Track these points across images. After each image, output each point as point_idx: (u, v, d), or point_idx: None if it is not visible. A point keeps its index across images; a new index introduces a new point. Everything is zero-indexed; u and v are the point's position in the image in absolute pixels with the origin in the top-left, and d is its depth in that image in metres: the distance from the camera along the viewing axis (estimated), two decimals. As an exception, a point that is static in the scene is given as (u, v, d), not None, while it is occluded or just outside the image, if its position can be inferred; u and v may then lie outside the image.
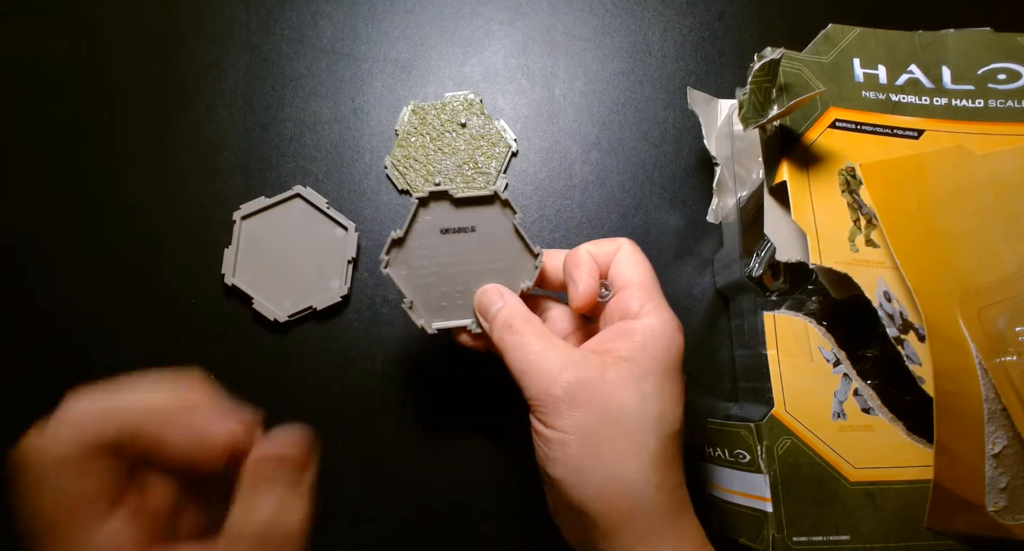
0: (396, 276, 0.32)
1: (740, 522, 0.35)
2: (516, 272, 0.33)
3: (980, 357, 0.32)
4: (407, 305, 0.32)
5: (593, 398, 0.27)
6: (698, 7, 0.47)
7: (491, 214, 0.32)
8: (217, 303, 0.41)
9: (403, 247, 0.32)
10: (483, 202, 0.32)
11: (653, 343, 0.29)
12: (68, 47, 0.46)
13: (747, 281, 0.37)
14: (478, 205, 0.32)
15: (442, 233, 0.32)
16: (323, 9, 0.46)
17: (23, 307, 0.41)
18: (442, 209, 0.32)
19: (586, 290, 0.30)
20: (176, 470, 0.22)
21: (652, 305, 0.30)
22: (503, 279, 0.33)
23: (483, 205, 0.32)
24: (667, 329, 0.29)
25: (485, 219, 0.32)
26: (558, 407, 0.27)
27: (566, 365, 0.28)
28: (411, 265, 0.32)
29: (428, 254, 0.32)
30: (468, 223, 0.32)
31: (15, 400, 0.40)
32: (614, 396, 0.27)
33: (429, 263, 0.32)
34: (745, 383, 0.38)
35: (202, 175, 0.44)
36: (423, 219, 0.32)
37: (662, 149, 0.44)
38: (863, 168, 0.36)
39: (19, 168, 0.44)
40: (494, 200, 0.32)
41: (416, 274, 0.32)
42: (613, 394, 0.27)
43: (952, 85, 0.38)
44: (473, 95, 0.44)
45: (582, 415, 0.27)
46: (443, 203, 0.32)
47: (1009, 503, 0.31)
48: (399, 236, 0.32)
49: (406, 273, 0.32)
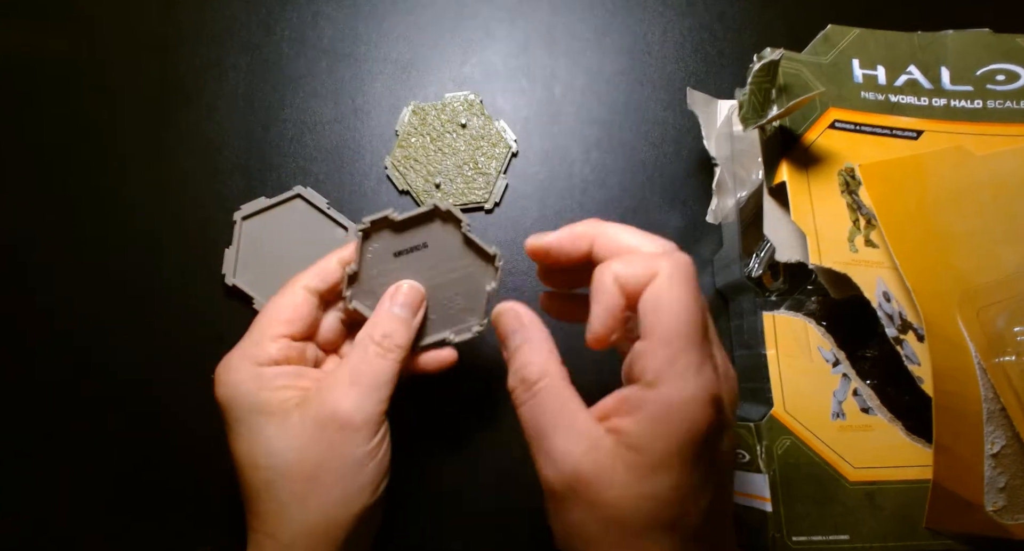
0: (362, 308, 0.32)
1: (740, 522, 0.35)
2: (479, 275, 0.32)
3: (979, 357, 0.32)
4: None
5: (595, 504, 0.23)
6: (698, 7, 0.47)
7: (438, 228, 0.32)
8: (217, 303, 0.41)
9: (361, 278, 0.32)
10: (425, 219, 0.31)
11: (668, 427, 0.22)
12: (68, 47, 0.46)
13: (747, 281, 0.37)
14: (422, 223, 0.32)
15: (396, 256, 0.32)
16: (323, 10, 0.46)
17: (23, 307, 0.42)
18: (388, 234, 0.31)
19: (598, 332, 0.25)
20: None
21: (676, 370, 0.23)
22: (469, 285, 0.32)
23: (427, 222, 0.32)
24: (688, 406, 0.22)
25: (434, 234, 0.32)
26: (557, 499, 0.24)
27: (570, 449, 0.24)
28: (375, 293, 0.32)
29: (387, 280, 0.32)
30: (418, 241, 0.32)
31: (15, 400, 0.40)
32: (617, 508, 0.23)
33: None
34: (745, 383, 0.38)
35: (202, 175, 0.44)
36: (372, 248, 0.31)
37: (662, 149, 0.44)
38: (862, 168, 0.36)
39: (19, 168, 0.44)
40: (434, 215, 0.31)
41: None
42: (619, 502, 0.23)
43: (951, 86, 0.38)
44: (473, 95, 0.44)
45: (583, 517, 0.24)
46: (386, 229, 0.31)
47: (1008, 503, 0.32)
48: (353, 271, 0.31)
49: (371, 303, 0.32)
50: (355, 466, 0.28)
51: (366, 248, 0.31)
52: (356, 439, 0.28)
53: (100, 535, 0.39)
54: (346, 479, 0.28)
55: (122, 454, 0.40)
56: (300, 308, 0.31)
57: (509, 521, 0.39)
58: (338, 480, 0.28)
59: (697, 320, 0.23)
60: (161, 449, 0.40)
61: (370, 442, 0.28)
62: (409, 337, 0.31)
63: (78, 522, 0.39)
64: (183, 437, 0.39)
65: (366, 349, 0.30)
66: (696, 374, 0.23)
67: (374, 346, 0.30)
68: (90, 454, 0.40)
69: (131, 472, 0.39)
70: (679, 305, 0.23)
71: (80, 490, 0.39)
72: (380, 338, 0.30)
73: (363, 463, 0.28)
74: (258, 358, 0.30)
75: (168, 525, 0.39)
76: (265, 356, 0.30)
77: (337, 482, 0.28)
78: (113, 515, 0.39)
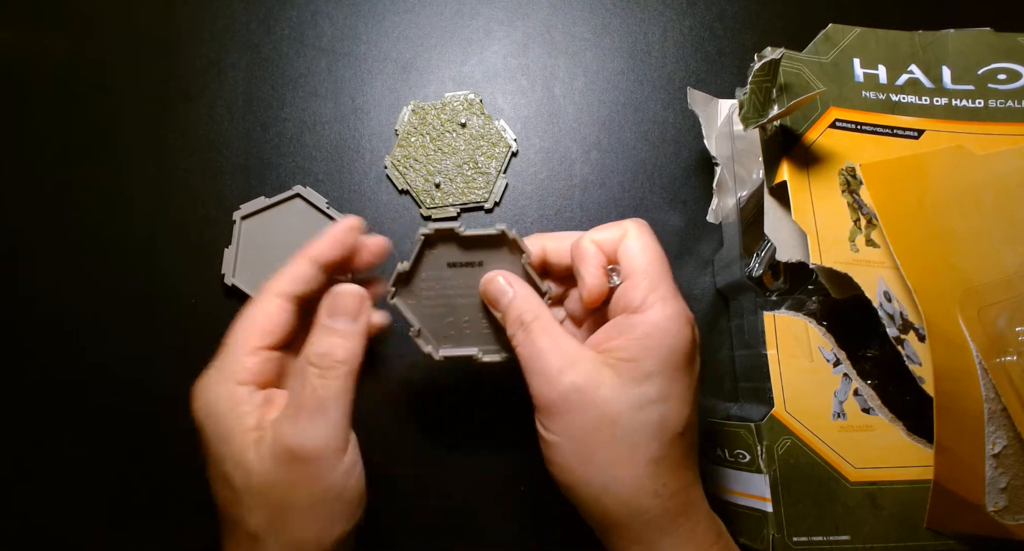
0: (403, 306, 0.32)
1: (740, 522, 0.35)
2: None
3: (980, 357, 0.32)
4: (414, 333, 0.32)
5: (589, 403, 0.26)
6: (698, 7, 0.47)
7: (499, 251, 0.31)
8: (217, 303, 0.41)
9: (410, 279, 0.32)
10: (490, 241, 0.31)
11: (656, 341, 0.27)
12: (68, 47, 0.46)
13: (747, 281, 0.37)
14: (485, 243, 0.31)
15: (449, 267, 0.32)
16: (323, 9, 0.46)
17: (23, 307, 0.41)
18: (449, 245, 0.31)
19: (593, 286, 0.29)
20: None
21: (657, 296, 0.27)
22: None
23: (491, 244, 0.31)
24: (673, 324, 0.27)
25: (493, 256, 0.31)
26: (554, 411, 0.27)
27: (564, 367, 0.27)
28: (418, 295, 0.32)
29: (435, 286, 0.32)
30: (476, 258, 0.31)
31: (15, 400, 0.40)
32: (610, 401, 0.26)
33: (436, 294, 0.32)
34: (745, 383, 0.38)
35: (202, 175, 0.44)
36: (430, 254, 0.31)
37: (662, 149, 0.44)
38: (863, 168, 0.36)
39: (19, 168, 0.44)
40: (501, 241, 0.31)
41: (423, 304, 0.32)
42: (609, 399, 0.26)
43: (952, 85, 0.38)
44: (473, 95, 0.44)
45: (577, 420, 0.26)
46: (449, 241, 0.31)
47: (1009, 503, 0.31)
48: (405, 270, 0.31)
49: (413, 303, 0.32)
50: (324, 496, 0.27)
51: (425, 253, 0.31)
52: (318, 470, 0.26)
53: (100, 535, 0.39)
54: (316, 509, 0.27)
55: (122, 454, 0.40)
56: (275, 317, 0.29)
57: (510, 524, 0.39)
58: (308, 511, 0.26)
59: (666, 261, 0.29)
60: (161, 449, 0.40)
61: (335, 469, 0.27)
62: (354, 347, 0.28)
63: (78, 522, 0.39)
64: (183, 437, 0.39)
65: (305, 373, 0.27)
66: (673, 298, 0.28)
67: (312, 368, 0.28)
68: (90, 454, 0.40)
69: (131, 472, 0.39)
70: (652, 249, 0.29)
71: (80, 490, 0.39)
72: (317, 359, 0.28)
73: (333, 491, 0.27)
74: (236, 375, 0.28)
75: (168, 525, 0.39)
76: (242, 371, 0.28)
77: (307, 513, 0.26)
78: (113, 515, 0.39)
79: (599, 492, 0.26)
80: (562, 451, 0.27)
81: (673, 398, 0.27)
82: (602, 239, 0.30)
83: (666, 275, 0.28)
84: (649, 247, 0.29)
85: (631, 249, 0.29)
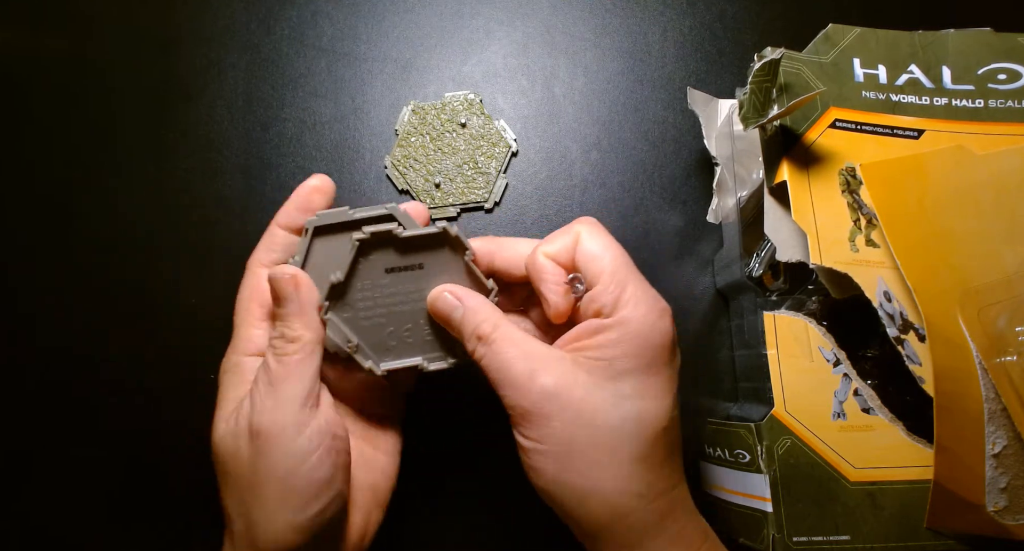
0: (338, 320, 0.30)
1: (740, 522, 0.35)
2: None
3: (980, 357, 0.32)
4: (352, 348, 0.30)
5: (565, 407, 0.26)
6: (698, 7, 0.47)
7: (440, 253, 0.30)
8: (217, 303, 0.41)
9: (344, 290, 0.30)
10: (431, 241, 0.30)
11: (629, 339, 0.26)
12: (68, 47, 0.46)
13: (747, 281, 0.37)
14: (426, 244, 0.30)
15: (387, 272, 0.30)
16: (323, 9, 0.46)
17: (23, 307, 0.41)
18: (386, 250, 0.29)
19: (557, 304, 0.28)
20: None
21: (627, 295, 0.27)
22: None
23: (431, 244, 0.30)
24: (645, 320, 0.26)
25: (434, 257, 0.30)
26: (530, 418, 0.26)
27: (534, 371, 0.26)
28: (354, 307, 0.30)
29: (372, 295, 0.30)
30: (416, 261, 0.30)
31: (15, 400, 0.40)
32: (587, 403, 0.26)
33: (374, 304, 0.30)
34: (745, 383, 0.38)
35: (202, 175, 0.44)
36: (365, 261, 0.29)
37: (662, 149, 0.44)
38: (863, 168, 0.36)
39: (19, 168, 0.44)
40: (443, 239, 0.30)
41: (360, 316, 0.30)
42: (586, 401, 0.26)
43: (952, 85, 0.38)
44: (473, 95, 0.44)
45: (555, 424, 0.26)
46: (387, 245, 0.29)
47: (1009, 503, 0.31)
48: (339, 280, 0.29)
49: (349, 315, 0.30)
50: (273, 473, 0.26)
51: (360, 259, 0.29)
52: (268, 446, 0.26)
53: (100, 535, 0.39)
54: (269, 487, 0.26)
55: (122, 454, 0.40)
56: (265, 287, 0.30)
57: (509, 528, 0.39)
58: (261, 488, 0.26)
59: (626, 255, 0.28)
60: (161, 449, 0.40)
61: (287, 447, 0.26)
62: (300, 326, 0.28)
63: (78, 522, 0.39)
64: (183, 437, 0.39)
65: (265, 353, 0.29)
66: (645, 294, 0.27)
67: (269, 349, 0.28)
68: (90, 454, 0.40)
69: (131, 472, 0.39)
70: (611, 249, 0.28)
71: (80, 490, 0.39)
72: (273, 340, 0.28)
73: (282, 469, 0.26)
74: (244, 348, 0.30)
75: (168, 525, 0.39)
76: (248, 343, 0.30)
77: (260, 490, 0.26)
78: (113, 515, 0.39)
79: (582, 496, 0.26)
80: (542, 457, 0.26)
81: (651, 393, 0.26)
82: (555, 250, 0.29)
83: (631, 271, 0.28)
84: (608, 247, 0.28)
85: (590, 252, 0.28)
